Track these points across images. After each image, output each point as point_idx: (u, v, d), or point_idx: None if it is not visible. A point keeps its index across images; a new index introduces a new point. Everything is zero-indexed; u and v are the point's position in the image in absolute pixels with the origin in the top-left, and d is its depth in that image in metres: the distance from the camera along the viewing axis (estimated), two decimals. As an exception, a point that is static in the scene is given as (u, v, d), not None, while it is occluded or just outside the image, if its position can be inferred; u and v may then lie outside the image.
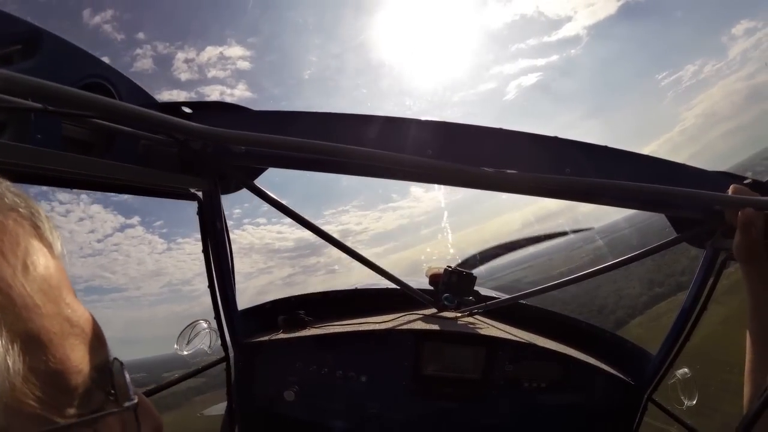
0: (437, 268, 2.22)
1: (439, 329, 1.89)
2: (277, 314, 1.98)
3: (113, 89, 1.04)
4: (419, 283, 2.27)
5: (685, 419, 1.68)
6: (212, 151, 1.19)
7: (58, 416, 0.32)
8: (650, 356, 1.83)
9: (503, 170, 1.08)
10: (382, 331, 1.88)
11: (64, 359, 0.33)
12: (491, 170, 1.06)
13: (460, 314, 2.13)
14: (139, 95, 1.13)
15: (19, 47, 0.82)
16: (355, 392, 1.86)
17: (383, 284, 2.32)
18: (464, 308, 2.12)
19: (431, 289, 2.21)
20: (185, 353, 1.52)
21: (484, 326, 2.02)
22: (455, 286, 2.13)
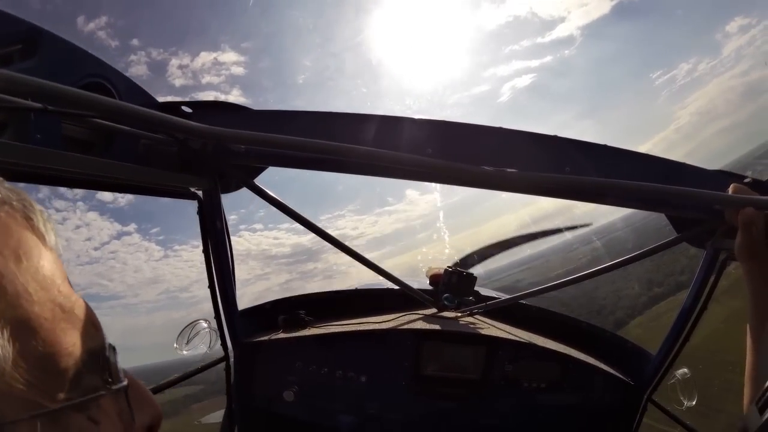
0: (437, 268, 2.22)
1: (439, 329, 1.89)
2: (277, 314, 1.98)
3: (113, 89, 1.04)
4: (419, 283, 2.26)
5: (685, 420, 1.68)
6: (212, 150, 1.19)
7: (48, 400, 0.32)
8: (650, 356, 1.83)
9: (503, 169, 1.08)
10: (382, 331, 1.88)
11: (54, 344, 0.33)
12: (491, 169, 1.06)
13: (460, 314, 2.13)
14: (138, 95, 1.13)
15: (19, 47, 0.83)
16: (355, 392, 1.86)
17: (383, 284, 2.32)
18: (464, 308, 2.11)
19: (431, 289, 2.21)
20: (185, 352, 1.52)
21: (484, 326, 2.01)
22: (455, 286, 2.13)
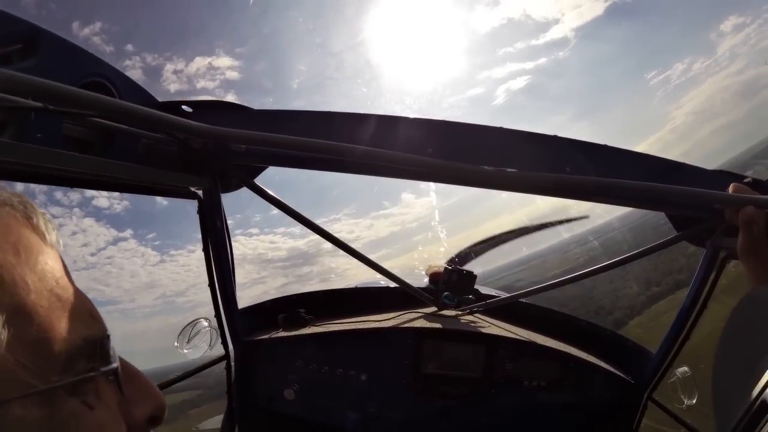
0: (437, 266, 2.22)
1: (439, 327, 1.89)
2: (277, 313, 1.98)
3: (113, 88, 1.03)
4: (419, 281, 2.27)
5: (685, 419, 1.68)
6: (212, 149, 1.19)
7: (40, 382, 0.34)
8: (650, 355, 1.83)
9: (503, 169, 1.08)
10: (382, 329, 1.88)
11: (49, 330, 0.35)
12: (491, 169, 1.06)
13: (460, 312, 2.13)
14: (139, 94, 1.13)
15: (18, 46, 0.82)
16: (355, 390, 1.87)
17: (383, 283, 2.32)
18: (464, 307, 2.12)
19: (431, 287, 2.21)
20: (185, 351, 1.53)
21: (484, 324, 2.02)
22: (455, 284, 2.14)
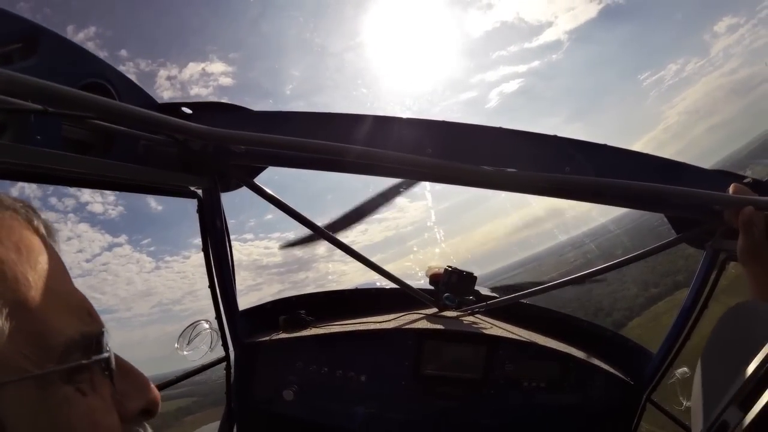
0: (437, 267, 2.22)
1: (439, 328, 1.89)
2: (277, 314, 1.98)
3: (113, 89, 1.04)
4: (419, 283, 2.26)
5: (684, 420, 1.68)
6: (212, 150, 1.19)
7: (37, 369, 0.36)
8: (651, 355, 1.82)
9: (503, 169, 1.08)
10: (382, 330, 1.88)
11: (47, 324, 0.38)
12: (491, 169, 1.06)
13: (460, 313, 2.13)
14: (138, 95, 1.13)
15: (19, 45, 0.82)
16: (355, 392, 1.86)
17: (384, 284, 2.32)
18: (465, 307, 2.11)
19: (432, 288, 2.21)
20: (185, 353, 1.52)
21: (484, 325, 2.01)
22: (456, 285, 2.13)
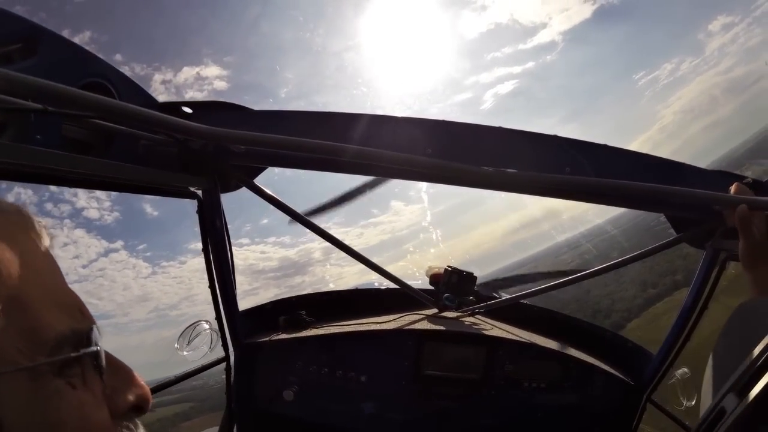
0: (438, 267, 2.21)
1: (440, 329, 1.89)
2: (278, 315, 1.98)
3: (113, 89, 1.03)
4: (420, 283, 2.26)
5: (684, 420, 1.68)
6: (212, 150, 1.19)
7: (28, 362, 0.38)
8: (651, 356, 1.82)
9: (503, 169, 1.08)
10: (382, 331, 1.88)
11: (40, 320, 0.40)
12: (491, 169, 1.06)
13: (460, 314, 2.13)
14: (139, 95, 1.13)
15: (19, 46, 0.82)
16: (355, 392, 1.86)
17: (384, 285, 2.32)
18: (465, 308, 2.11)
19: (432, 289, 2.20)
20: (185, 353, 1.52)
21: (484, 326, 2.01)
22: (456, 286, 2.13)
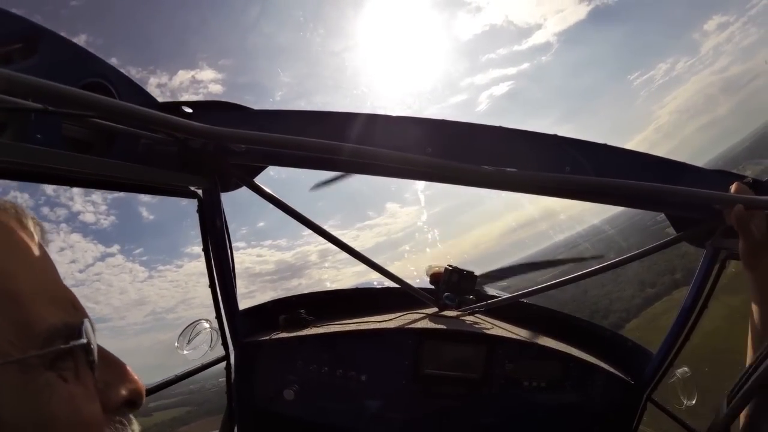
0: (438, 266, 2.22)
1: (440, 328, 1.89)
2: (278, 314, 1.98)
3: (113, 88, 1.03)
4: (420, 282, 2.27)
5: (684, 419, 1.68)
6: (212, 149, 1.19)
7: (20, 354, 0.39)
8: (651, 355, 1.82)
9: (503, 169, 1.08)
10: (382, 330, 1.88)
11: (32, 314, 0.40)
12: (491, 168, 1.06)
13: (460, 313, 2.13)
14: (139, 94, 1.13)
15: (19, 46, 0.82)
16: (355, 391, 1.86)
17: (384, 283, 2.32)
18: (465, 307, 2.12)
19: (432, 288, 2.21)
20: (185, 352, 1.52)
21: (485, 325, 2.01)
22: (456, 284, 2.13)
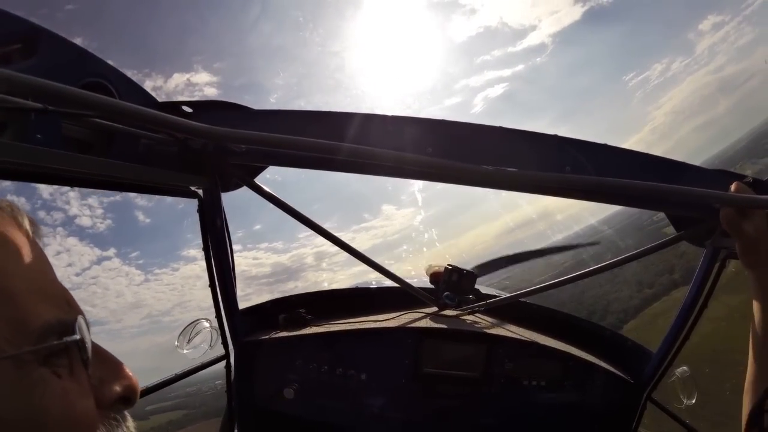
0: (438, 266, 2.22)
1: (439, 327, 1.89)
2: (277, 313, 1.98)
3: (113, 88, 1.03)
4: (419, 281, 2.27)
5: (684, 418, 1.68)
6: (212, 149, 1.19)
7: (14, 350, 0.39)
8: (651, 354, 1.83)
9: (503, 168, 1.08)
10: (382, 329, 1.88)
11: (26, 310, 0.41)
12: (491, 168, 1.06)
13: (460, 312, 2.13)
14: (139, 94, 1.13)
15: (18, 46, 0.82)
16: (355, 390, 1.87)
17: (384, 283, 2.32)
18: (465, 306, 2.12)
19: (432, 287, 2.21)
20: (185, 351, 1.53)
21: (484, 324, 2.02)
22: (456, 284, 2.13)
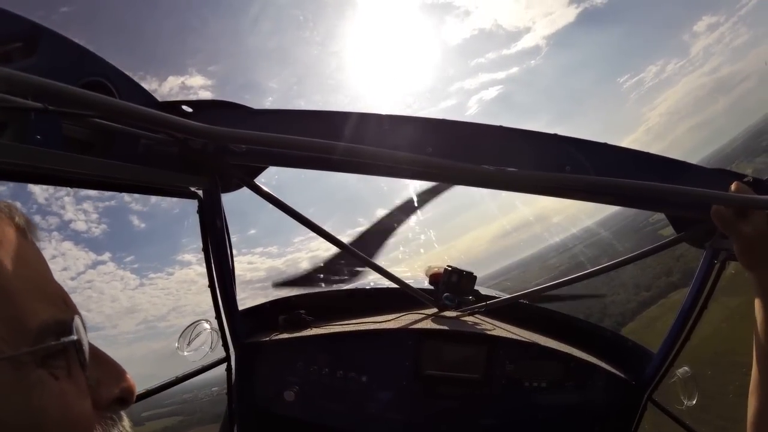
0: (437, 267, 2.22)
1: (440, 328, 1.89)
2: (278, 314, 1.98)
3: (113, 88, 1.03)
4: (419, 282, 2.26)
5: (684, 419, 1.68)
6: (212, 149, 1.19)
7: (12, 351, 0.39)
8: (652, 355, 1.82)
9: (503, 168, 1.08)
10: (382, 330, 1.88)
11: (23, 310, 0.41)
12: (492, 168, 1.06)
13: (460, 313, 2.13)
14: (139, 94, 1.13)
15: (19, 45, 0.82)
16: (355, 392, 1.86)
17: (384, 284, 2.32)
18: (465, 307, 2.11)
19: (431, 288, 2.21)
20: (185, 353, 1.52)
21: (485, 325, 2.01)
22: (455, 285, 2.13)
